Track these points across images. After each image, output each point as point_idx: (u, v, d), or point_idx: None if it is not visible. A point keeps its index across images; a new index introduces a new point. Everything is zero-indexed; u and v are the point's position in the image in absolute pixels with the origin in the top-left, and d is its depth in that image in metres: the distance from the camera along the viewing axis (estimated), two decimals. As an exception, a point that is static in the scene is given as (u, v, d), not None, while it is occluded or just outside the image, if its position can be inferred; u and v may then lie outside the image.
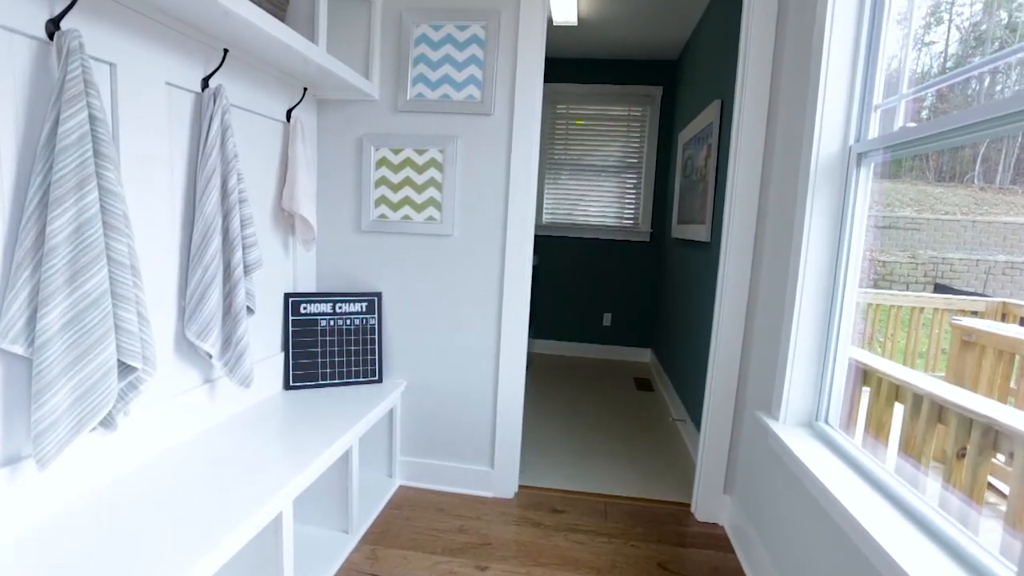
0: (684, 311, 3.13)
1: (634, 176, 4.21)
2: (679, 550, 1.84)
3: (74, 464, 1.14)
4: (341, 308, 2.03)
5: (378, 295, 2.09)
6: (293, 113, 1.84)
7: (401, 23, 1.99)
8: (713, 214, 2.56)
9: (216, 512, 1.14)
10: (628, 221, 4.28)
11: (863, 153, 1.39)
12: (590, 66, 4.13)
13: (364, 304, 2.07)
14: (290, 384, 1.94)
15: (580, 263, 4.38)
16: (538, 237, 4.36)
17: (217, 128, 1.38)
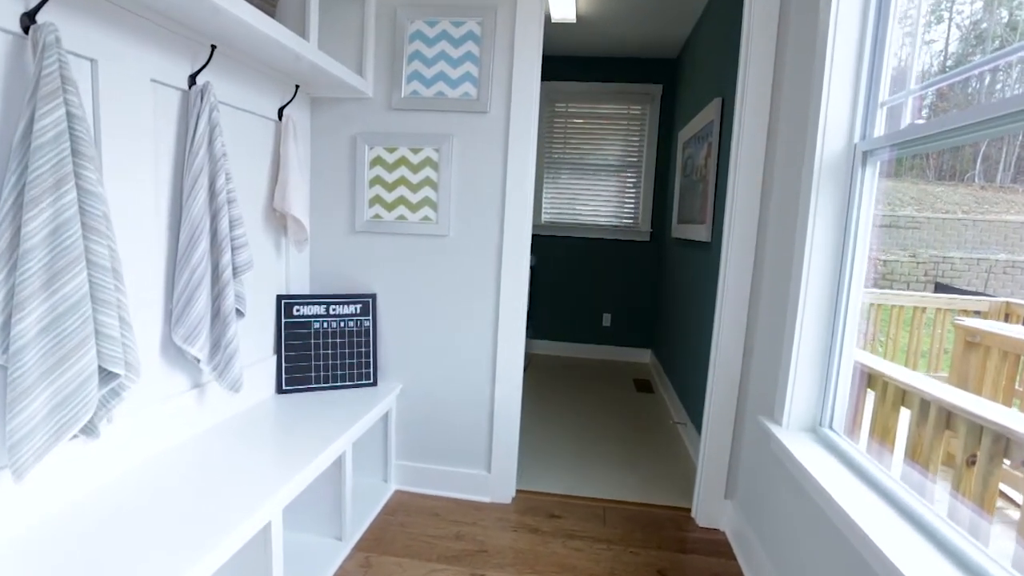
0: (684, 312, 3.10)
1: (634, 175, 4.18)
2: (679, 556, 1.81)
3: (53, 474, 1.10)
4: (335, 310, 1.99)
5: (372, 297, 2.05)
6: (285, 111, 1.80)
7: (395, 19, 1.96)
8: (714, 214, 2.52)
9: (201, 523, 1.10)
10: (628, 220, 4.24)
11: (869, 151, 1.35)
12: (589, 64, 4.09)
13: (358, 306, 2.03)
14: (283, 388, 1.90)
15: (579, 263, 4.34)
16: (537, 237, 4.32)
17: (204, 126, 1.35)
